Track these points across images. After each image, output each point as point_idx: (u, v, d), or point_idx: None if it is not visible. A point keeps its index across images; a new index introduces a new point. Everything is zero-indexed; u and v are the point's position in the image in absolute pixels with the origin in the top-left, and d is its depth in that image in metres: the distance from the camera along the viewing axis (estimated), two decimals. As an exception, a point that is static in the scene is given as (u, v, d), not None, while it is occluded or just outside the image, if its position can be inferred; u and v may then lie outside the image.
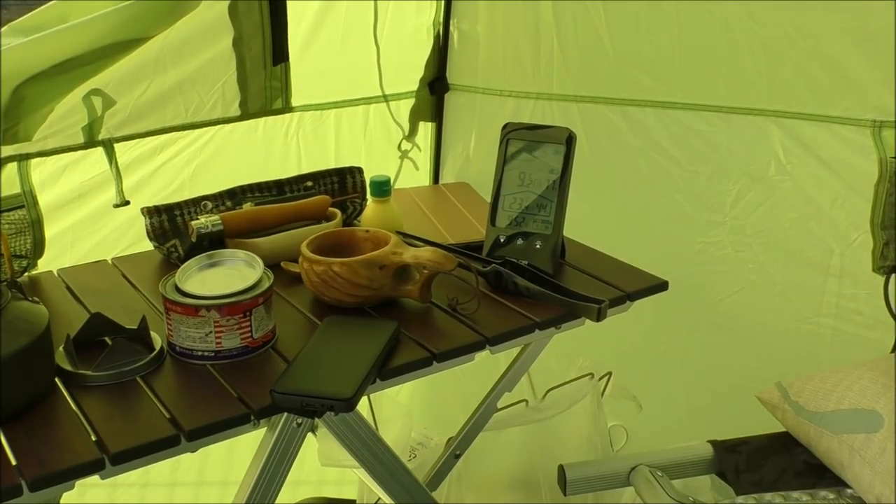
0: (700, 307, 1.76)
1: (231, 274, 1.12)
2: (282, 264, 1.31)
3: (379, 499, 1.49)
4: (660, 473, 1.37)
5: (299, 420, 1.04)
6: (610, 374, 1.69)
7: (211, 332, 1.06)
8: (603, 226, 1.60)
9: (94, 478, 0.92)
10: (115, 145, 1.42)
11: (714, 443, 1.44)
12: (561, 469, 1.40)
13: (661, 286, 1.31)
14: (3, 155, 1.29)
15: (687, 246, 1.74)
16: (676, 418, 1.83)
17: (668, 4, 1.63)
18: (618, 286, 1.29)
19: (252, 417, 0.99)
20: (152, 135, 1.49)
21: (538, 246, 1.30)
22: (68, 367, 1.04)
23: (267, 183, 1.46)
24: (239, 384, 1.03)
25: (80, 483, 0.91)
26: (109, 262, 1.39)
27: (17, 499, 0.87)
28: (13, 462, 0.90)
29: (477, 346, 1.15)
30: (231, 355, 1.08)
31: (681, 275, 1.41)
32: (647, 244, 1.67)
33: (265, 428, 1.04)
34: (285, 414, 1.03)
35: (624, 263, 1.36)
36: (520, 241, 1.31)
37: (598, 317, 1.19)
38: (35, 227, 1.35)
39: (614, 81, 1.73)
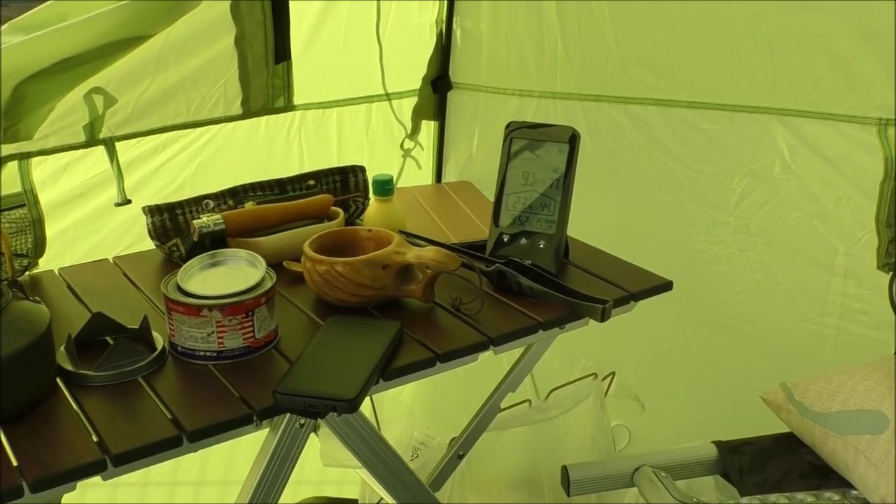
0: (704, 307, 1.76)
1: (233, 273, 1.12)
2: (284, 264, 1.31)
3: (381, 499, 1.49)
4: (663, 474, 1.36)
5: (302, 421, 1.04)
6: (613, 374, 1.69)
7: (213, 332, 1.06)
8: (606, 225, 1.60)
9: (95, 477, 0.91)
10: (117, 144, 1.42)
11: (718, 443, 1.44)
12: (564, 469, 1.40)
13: (666, 286, 1.30)
14: (4, 153, 1.28)
15: (691, 245, 1.74)
16: (680, 418, 1.83)
17: (672, 3, 1.62)
18: (622, 286, 1.28)
19: (254, 418, 0.98)
20: (154, 133, 1.48)
21: (542, 245, 1.30)
22: (69, 367, 1.03)
23: (269, 182, 1.46)
24: (241, 384, 1.03)
25: (80, 483, 0.90)
26: (111, 261, 1.39)
27: (19, 500, 0.87)
28: (14, 463, 0.89)
29: (480, 347, 1.15)
30: (233, 355, 1.07)
31: (684, 274, 1.40)
32: (651, 243, 1.66)
33: (267, 429, 1.04)
34: (288, 415, 1.02)
35: (628, 263, 1.36)
36: (523, 241, 1.31)
37: (603, 317, 1.18)
38: (36, 225, 1.34)
39: (618, 80, 1.73)
